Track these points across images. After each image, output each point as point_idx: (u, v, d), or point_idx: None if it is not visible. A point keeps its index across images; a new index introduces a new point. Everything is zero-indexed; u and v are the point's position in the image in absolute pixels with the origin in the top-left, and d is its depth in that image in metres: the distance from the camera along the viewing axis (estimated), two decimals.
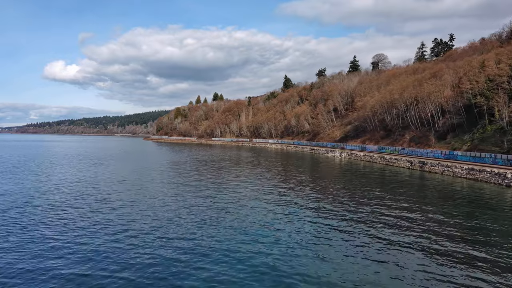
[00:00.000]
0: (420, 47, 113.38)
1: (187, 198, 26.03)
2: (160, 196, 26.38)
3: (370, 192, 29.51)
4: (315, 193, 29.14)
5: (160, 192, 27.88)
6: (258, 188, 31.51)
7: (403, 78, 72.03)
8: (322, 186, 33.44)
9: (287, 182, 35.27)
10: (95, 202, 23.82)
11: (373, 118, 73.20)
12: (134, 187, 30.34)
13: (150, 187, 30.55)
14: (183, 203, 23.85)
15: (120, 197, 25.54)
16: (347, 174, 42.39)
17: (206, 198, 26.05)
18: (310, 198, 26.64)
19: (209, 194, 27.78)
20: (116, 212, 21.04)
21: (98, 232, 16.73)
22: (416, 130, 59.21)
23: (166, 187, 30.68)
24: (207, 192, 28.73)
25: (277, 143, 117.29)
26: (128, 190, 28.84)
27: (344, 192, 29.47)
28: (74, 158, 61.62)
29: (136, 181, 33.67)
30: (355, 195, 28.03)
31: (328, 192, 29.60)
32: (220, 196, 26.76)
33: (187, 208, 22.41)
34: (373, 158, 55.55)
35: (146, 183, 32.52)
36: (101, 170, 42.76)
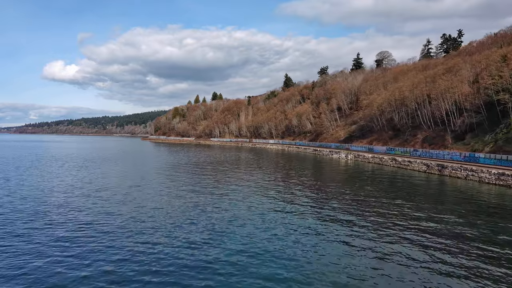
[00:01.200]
0: (426, 44, 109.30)
1: (182, 205, 21.76)
2: (150, 205, 22.05)
3: (383, 199, 25.52)
4: (321, 200, 25.22)
5: (149, 200, 23.55)
6: (259, 194, 27.30)
7: (412, 74, 67.71)
8: (328, 191, 29.32)
9: (291, 188, 31.03)
10: (65, 213, 19.49)
11: (380, 117, 68.86)
12: (114, 196, 25.95)
13: (135, 195, 26.17)
14: (178, 212, 19.59)
15: (100, 206, 21.19)
16: (355, 178, 38.06)
17: (203, 205, 22.52)
18: (316, 206, 22.94)
19: (206, 201, 23.61)
20: (94, 227, 16.74)
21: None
22: (428, 130, 54.86)
23: (157, 194, 26.33)
24: (204, 199, 24.46)
25: (278, 143, 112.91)
26: (109, 199, 24.46)
27: (353, 199, 25.55)
28: (59, 160, 57.19)
29: (122, 189, 29.29)
30: (367, 204, 24.07)
31: (335, 199, 25.72)
32: (217, 205, 22.75)
33: (182, 217, 18.21)
34: (383, 160, 51.19)
35: (134, 190, 28.16)
36: (84, 174, 38.37)
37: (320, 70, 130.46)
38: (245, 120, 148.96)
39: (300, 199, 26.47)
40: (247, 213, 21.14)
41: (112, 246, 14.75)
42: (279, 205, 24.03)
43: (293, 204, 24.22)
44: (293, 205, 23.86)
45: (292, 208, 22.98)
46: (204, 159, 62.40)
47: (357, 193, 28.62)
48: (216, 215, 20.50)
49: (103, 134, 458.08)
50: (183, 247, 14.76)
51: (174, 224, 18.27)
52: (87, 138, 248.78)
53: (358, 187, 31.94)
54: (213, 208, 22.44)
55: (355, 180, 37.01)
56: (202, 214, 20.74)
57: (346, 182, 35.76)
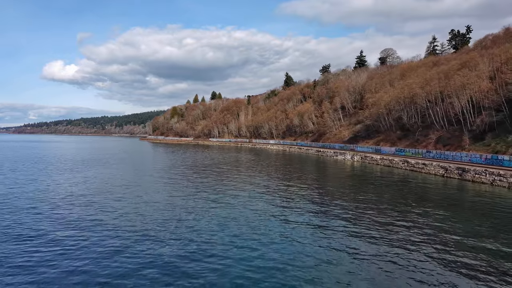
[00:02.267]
0: (431, 41, 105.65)
1: (173, 215, 18.47)
2: (133, 214, 18.20)
3: (397, 207, 22.43)
4: (328, 207, 22.74)
5: (134, 208, 19.69)
6: (259, 200, 24.03)
7: (422, 71, 63.78)
8: (335, 197, 26.03)
9: (293, 193, 27.47)
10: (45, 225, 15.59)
11: (388, 116, 64.94)
12: (95, 204, 22.02)
13: (127, 198, 22.26)
14: (172, 219, 16.09)
15: (85, 214, 17.32)
16: (364, 182, 34.20)
17: (198, 212, 20.71)
18: (322, 214, 20.80)
19: (202, 208, 21.07)
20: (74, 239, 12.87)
21: None
22: (441, 129, 50.94)
23: (146, 201, 22.45)
24: (199, 205, 21.41)
25: (279, 144, 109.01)
26: (91, 205, 20.56)
27: (364, 207, 22.49)
28: (44, 162, 53.24)
29: (109, 194, 25.35)
30: (379, 212, 21.10)
31: (343, 206, 22.98)
32: (215, 212, 20.46)
33: (177, 224, 16.33)
34: (394, 163, 47.26)
35: (126, 195, 24.25)
36: (64, 179, 34.42)
37: (322, 68, 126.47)
38: (245, 120, 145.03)
39: (304, 205, 23.57)
40: (246, 221, 19.21)
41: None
42: (281, 212, 21.36)
43: (297, 211, 21.67)
44: (296, 212, 21.36)
45: (295, 215, 20.54)
46: (202, 161, 58.48)
47: (367, 199, 25.42)
48: (213, 224, 18.22)
49: (102, 134, 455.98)
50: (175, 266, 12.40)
51: (164, 239, 15.40)
52: (85, 138, 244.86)
53: (368, 192, 28.37)
54: (210, 215, 20.20)
55: (364, 184, 33.21)
56: (197, 222, 18.65)
57: (354, 186, 31.91)
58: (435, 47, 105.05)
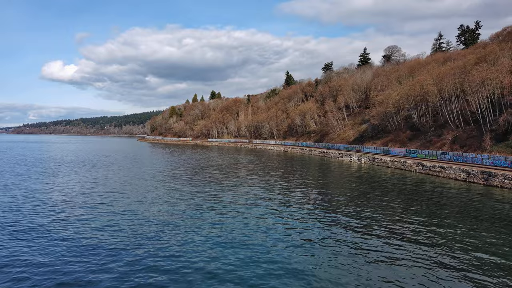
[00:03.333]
0: (437, 38, 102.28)
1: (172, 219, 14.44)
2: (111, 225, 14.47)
3: (415, 218, 19.46)
4: (337, 216, 19.95)
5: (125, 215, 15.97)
6: (260, 207, 21.00)
7: (433, 67, 59.99)
8: (343, 204, 23.10)
9: (297, 199, 24.33)
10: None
11: (396, 115, 61.18)
12: (64, 219, 18.19)
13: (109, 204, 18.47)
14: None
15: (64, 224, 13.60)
16: (374, 186, 30.51)
17: (193, 221, 18.40)
18: (331, 226, 18.07)
19: (197, 216, 18.14)
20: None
21: None
22: (457, 129, 47.14)
23: (133, 209, 18.68)
24: (195, 213, 18.14)
25: (280, 144, 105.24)
26: (69, 215, 16.78)
27: (378, 218, 19.63)
28: (26, 164, 49.40)
29: (83, 201, 21.52)
30: (396, 224, 18.00)
31: (353, 215, 20.39)
32: (211, 221, 17.03)
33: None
34: (406, 165, 43.44)
35: (103, 205, 20.45)
36: (30, 186, 30.59)
37: (324, 66, 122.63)
38: (245, 120, 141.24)
39: (310, 214, 20.68)
40: (246, 230, 17.35)
41: None
42: (284, 222, 19.01)
43: (301, 220, 19.32)
44: (301, 222, 18.99)
45: (299, 225, 18.23)
46: (199, 163, 54.66)
47: (379, 208, 22.16)
48: (210, 233, 16.00)
49: (101, 134, 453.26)
50: None
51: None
52: (82, 139, 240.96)
53: (379, 199, 25.12)
54: (205, 224, 18.20)
55: (374, 189, 29.58)
56: (189, 234, 16.48)
57: (363, 192, 28.18)
58: (441, 44, 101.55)
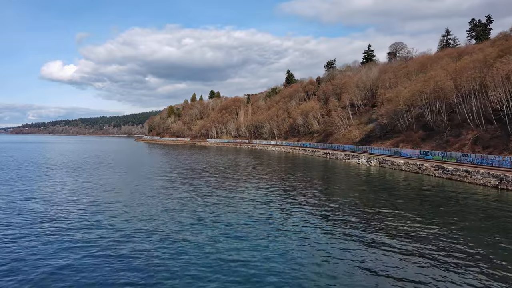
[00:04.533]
0: (444, 34, 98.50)
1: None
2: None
3: (442, 233, 16.29)
4: (346, 229, 17.01)
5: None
6: (262, 216, 18.37)
7: (446, 62, 55.72)
8: (353, 215, 19.55)
9: (303, 207, 20.48)
10: None
11: (407, 114, 56.91)
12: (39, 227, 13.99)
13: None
14: None
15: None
16: (389, 193, 26.34)
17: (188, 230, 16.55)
18: (341, 239, 15.44)
19: (191, 225, 16.11)
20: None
21: None
22: (477, 128, 42.87)
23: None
24: (189, 222, 16.31)
25: (281, 145, 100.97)
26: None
27: (395, 233, 16.46)
28: (9, 165, 45.09)
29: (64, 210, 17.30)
30: (421, 241, 14.50)
31: (365, 227, 17.44)
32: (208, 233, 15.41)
33: None
34: (423, 168, 39.15)
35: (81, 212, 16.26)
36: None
37: (327, 64, 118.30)
38: (244, 119, 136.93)
39: (318, 224, 18.21)
40: (246, 244, 15.43)
41: None
42: (285, 233, 16.71)
43: (307, 232, 16.98)
44: (307, 233, 16.69)
45: (306, 238, 15.89)
46: (196, 165, 50.38)
47: (397, 218, 18.89)
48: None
49: (100, 135, 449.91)
50: None
51: None
52: (81, 139, 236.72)
53: (396, 207, 21.58)
54: (201, 232, 16.53)
55: (389, 196, 25.69)
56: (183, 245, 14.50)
57: (377, 200, 24.24)
58: (448, 40, 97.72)
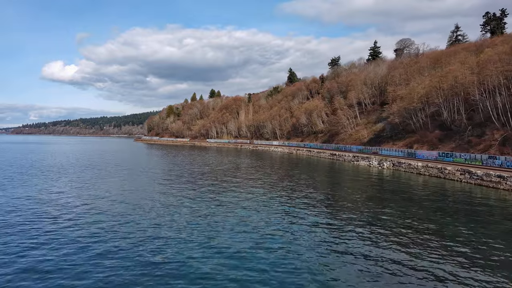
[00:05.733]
0: (454, 30, 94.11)
1: None
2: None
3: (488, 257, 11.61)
4: (359, 244, 13.60)
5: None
6: (264, 230, 13.93)
7: (464, 55, 51.43)
8: (368, 226, 15.71)
9: (310, 220, 15.75)
10: None
11: (421, 112, 52.62)
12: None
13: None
14: None
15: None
16: (408, 202, 22.01)
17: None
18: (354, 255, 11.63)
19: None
20: None
21: None
22: (504, 127, 38.54)
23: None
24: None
25: (284, 145, 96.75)
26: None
27: (419, 252, 12.66)
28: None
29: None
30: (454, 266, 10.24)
31: (383, 243, 13.65)
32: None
33: None
34: (446, 172, 34.82)
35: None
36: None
37: (331, 61, 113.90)
38: (245, 119, 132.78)
39: (328, 240, 14.70)
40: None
41: None
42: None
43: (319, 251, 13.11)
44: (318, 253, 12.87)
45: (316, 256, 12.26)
46: (193, 168, 46.20)
47: (422, 232, 14.92)
48: None
49: (100, 135, 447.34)
50: None
51: None
52: (81, 139, 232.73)
53: (419, 220, 17.41)
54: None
55: (409, 204, 21.59)
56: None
57: (396, 210, 19.84)
58: (457, 36, 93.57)
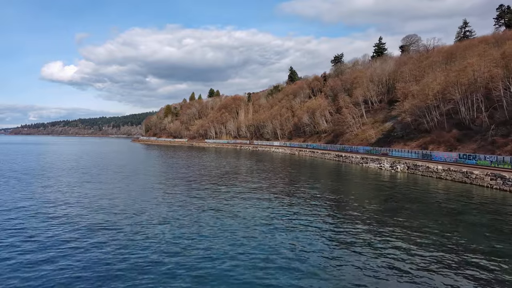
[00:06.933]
0: (462, 26, 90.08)
1: None
2: None
3: None
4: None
5: None
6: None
7: (483, 48, 47.23)
8: (388, 245, 11.02)
9: (322, 236, 11.03)
10: None
11: (435, 110, 48.41)
12: None
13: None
14: None
15: None
16: (437, 212, 17.70)
17: None
18: None
19: None
20: None
21: None
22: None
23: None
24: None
25: (285, 146, 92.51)
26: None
27: None
28: None
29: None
30: None
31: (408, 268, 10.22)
32: None
33: None
34: (472, 177, 30.55)
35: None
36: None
37: (334, 58, 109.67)
38: (245, 119, 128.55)
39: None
40: None
41: None
42: None
43: None
44: None
45: None
46: (189, 171, 41.95)
47: (455, 253, 9.46)
48: None
49: (99, 135, 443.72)
50: None
51: None
52: (80, 139, 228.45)
53: (449, 234, 12.98)
54: None
55: (434, 216, 17.18)
56: None
57: (419, 222, 15.52)
58: (466, 32, 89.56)
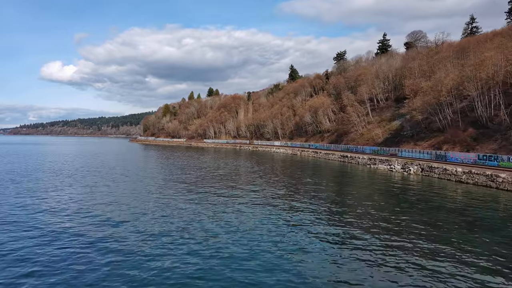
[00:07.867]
0: (468, 22, 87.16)
1: None
2: None
3: None
4: None
5: None
6: None
7: (500, 41, 44.06)
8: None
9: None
10: None
11: (448, 107, 45.20)
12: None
13: None
14: None
15: None
16: (465, 223, 14.48)
17: None
18: None
19: None
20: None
21: None
22: None
23: None
24: None
25: (286, 146, 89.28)
26: None
27: None
28: None
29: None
30: None
31: None
32: None
33: None
34: (499, 181, 27.33)
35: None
36: None
37: (337, 55, 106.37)
38: (245, 118, 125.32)
39: None
40: None
41: None
42: None
43: None
44: None
45: None
46: (185, 173, 38.64)
47: None
48: None
49: (98, 135, 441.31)
50: None
51: None
52: (78, 140, 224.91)
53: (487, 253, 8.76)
54: None
55: (462, 228, 13.66)
56: None
57: (444, 234, 12.27)
58: (473, 28, 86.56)
